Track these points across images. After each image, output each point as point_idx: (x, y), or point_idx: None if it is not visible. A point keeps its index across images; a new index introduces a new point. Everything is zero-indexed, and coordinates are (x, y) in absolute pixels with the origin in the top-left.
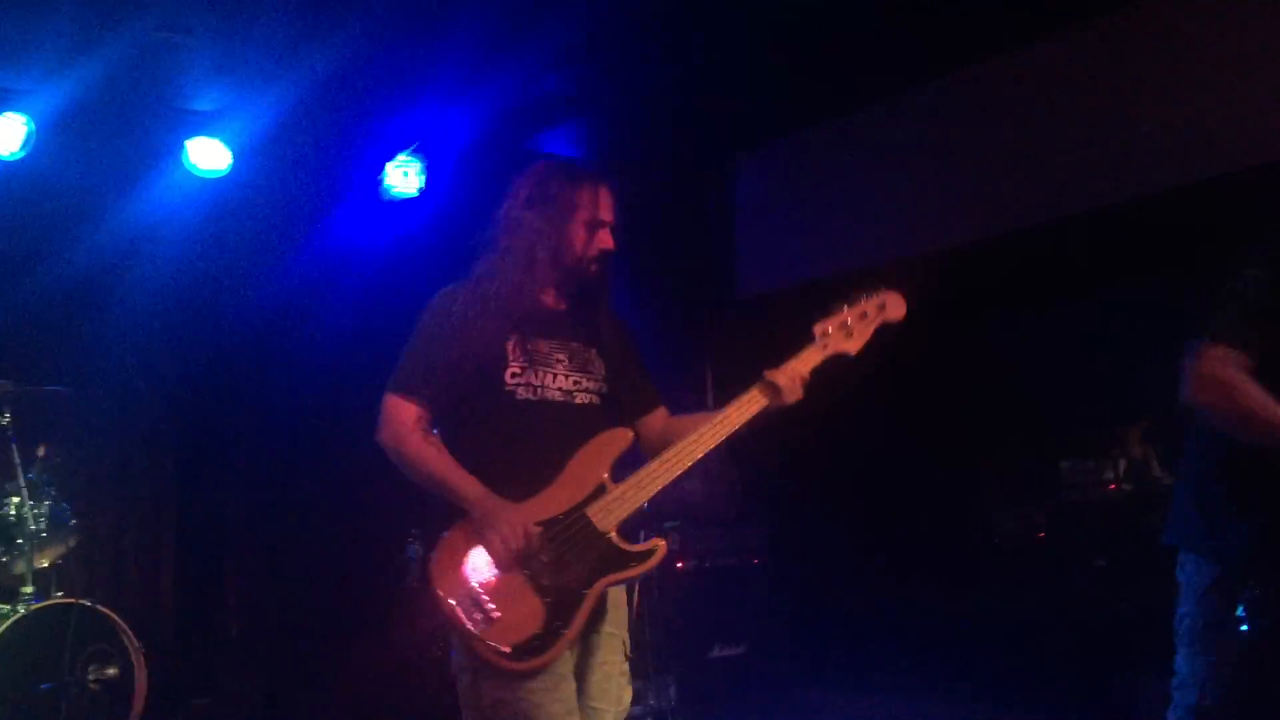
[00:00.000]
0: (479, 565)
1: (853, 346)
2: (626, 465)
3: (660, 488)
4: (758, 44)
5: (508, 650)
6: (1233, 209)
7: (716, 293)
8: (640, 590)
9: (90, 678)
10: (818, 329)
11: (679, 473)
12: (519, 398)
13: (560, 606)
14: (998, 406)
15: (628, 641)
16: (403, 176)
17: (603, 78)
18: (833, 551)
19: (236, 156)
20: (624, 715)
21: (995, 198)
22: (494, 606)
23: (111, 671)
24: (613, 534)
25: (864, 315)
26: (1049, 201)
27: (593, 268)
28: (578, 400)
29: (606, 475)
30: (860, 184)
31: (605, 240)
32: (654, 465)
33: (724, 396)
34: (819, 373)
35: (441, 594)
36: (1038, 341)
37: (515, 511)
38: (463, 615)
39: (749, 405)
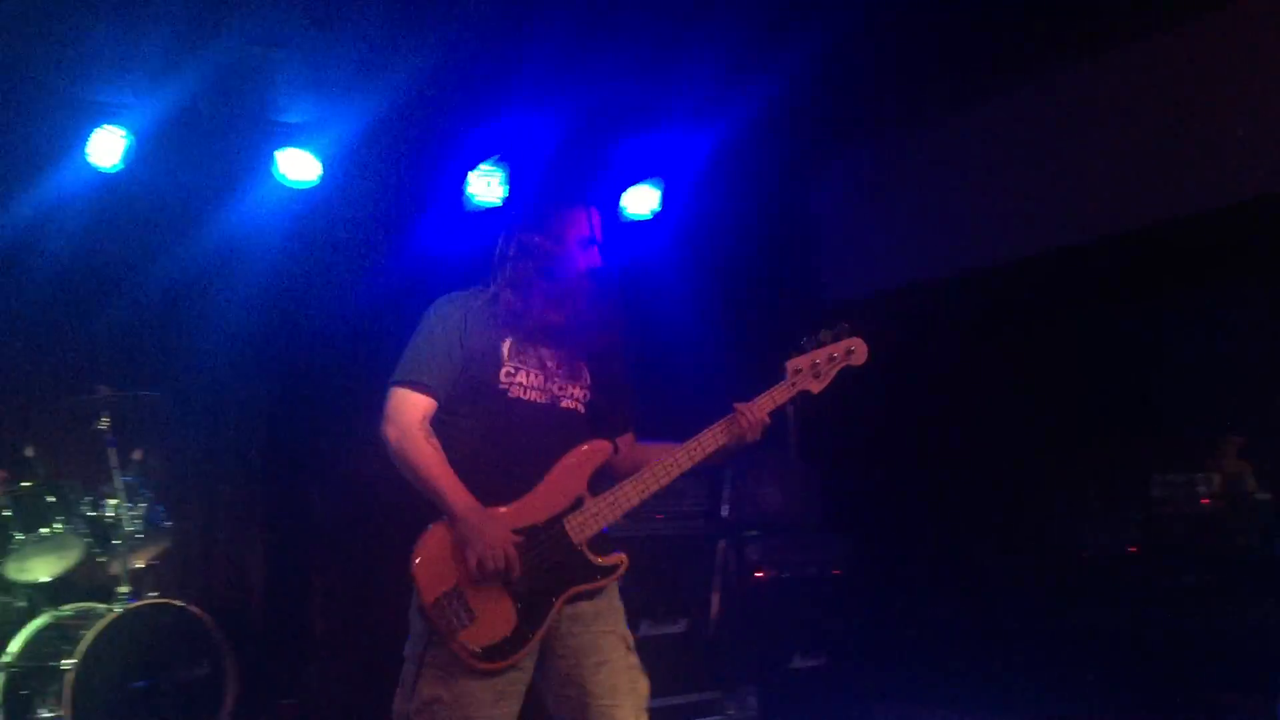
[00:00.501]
0: (464, 566)
1: (816, 386)
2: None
3: (632, 507)
4: (847, 48)
5: (479, 651)
6: None
7: (802, 299)
8: (719, 600)
9: (181, 677)
10: (789, 366)
11: (650, 494)
12: (510, 395)
13: (531, 612)
14: (1089, 416)
15: (628, 636)
16: (486, 186)
17: (685, 87)
18: (915, 563)
19: (325, 167)
20: (643, 704)
21: (1084, 202)
22: (472, 607)
23: (202, 671)
24: (584, 547)
25: (832, 358)
26: (1138, 207)
27: (585, 283)
28: (563, 404)
29: (586, 488)
30: (946, 190)
31: (595, 258)
32: (629, 486)
33: (805, 404)
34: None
35: (423, 588)
36: (1131, 349)
37: (497, 527)
38: (443, 612)
39: (715, 438)
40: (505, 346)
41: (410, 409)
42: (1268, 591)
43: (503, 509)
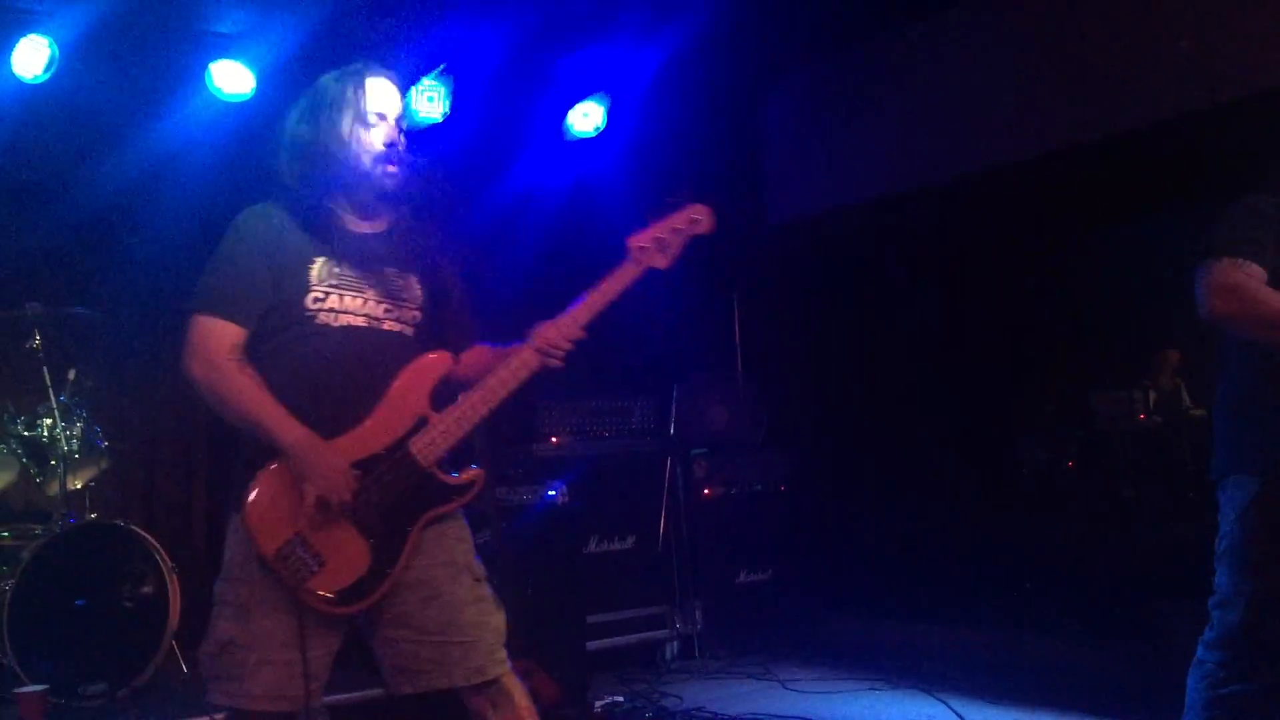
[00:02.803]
0: (302, 508)
1: (664, 262)
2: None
3: (480, 419)
4: None
5: (333, 596)
6: (1273, 130)
7: (745, 220)
8: (666, 517)
9: (125, 596)
10: (632, 244)
11: (498, 403)
12: (318, 322)
13: (386, 546)
14: (1029, 333)
15: (475, 566)
16: (427, 101)
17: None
18: (859, 478)
19: (259, 79)
20: (498, 639)
21: (1021, 123)
22: (320, 551)
23: (146, 590)
24: (435, 468)
25: (676, 229)
26: (1078, 125)
27: (382, 170)
28: (385, 327)
29: (428, 406)
30: (888, 109)
31: (388, 134)
32: (475, 397)
33: (751, 323)
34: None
35: (261, 539)
36: (1070, 269)
37: (335, 456)
38: (286, 562)
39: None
40: (313, 268)
41: (216, 339)
42: (1202, 504)
43: (338, 441)
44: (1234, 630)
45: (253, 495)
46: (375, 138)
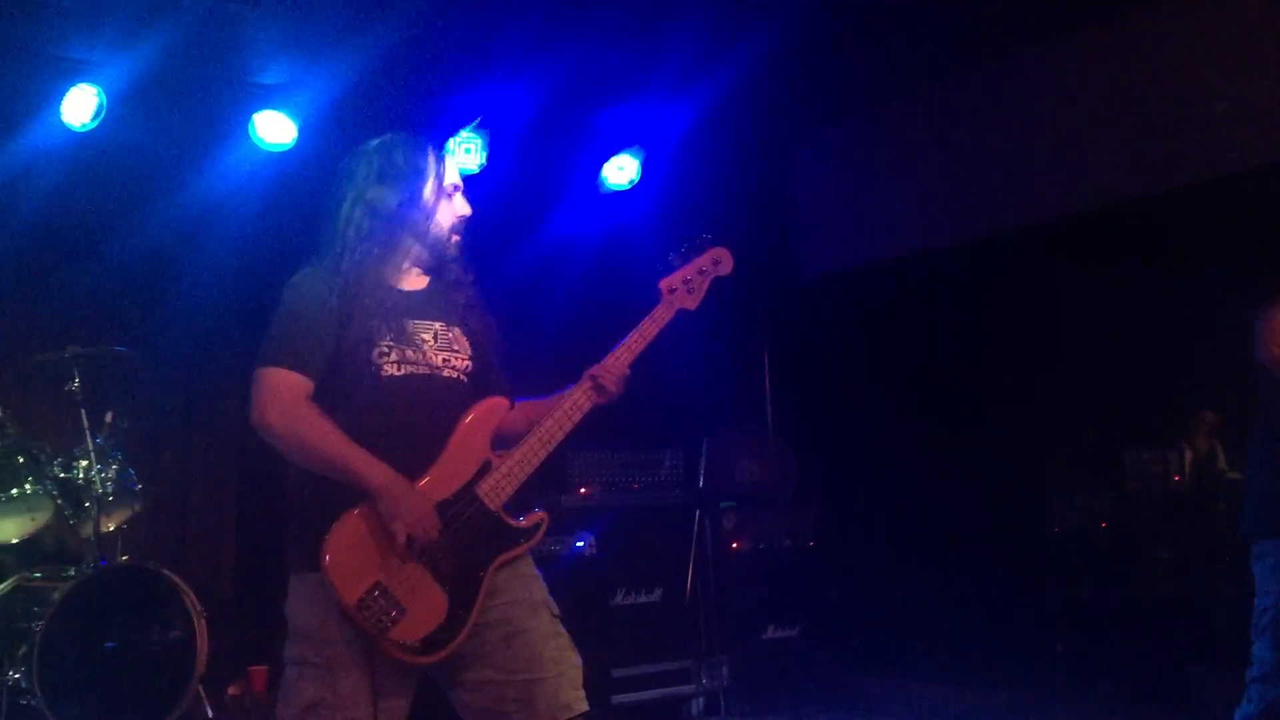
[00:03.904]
0: (382, 556)
1: (693, 303)
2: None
3: (541, 461)
4: (828, 20)
5: (416, 645)
6: None
7: (777, 274)
8: (693, 570)
9: (153, 639)
10: (663, 286)
11: (556, 445)
12: (385, 374)
13: (460, 592)
14: (1062, 393)
15: (551, 603)
16: (465, 153)
17: (666, 56)
18: (889, 536)
19: (301, 130)
20: (578, 678)
21: (1054, 181)
22: (400, 601)
23: (174, 634)
24: (502, 511)
25: (702, 272)
26: (1112, 185)
27: (454, 239)
28: (445, 375)
29: (489, 450)
30: (920, 165)
31: (463, 206)
32: (533, 440)
33: (781, 377)
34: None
35: (341, 589)
36: (1103, 328)
37: (424, 497)
38: (368, 612)
39: (586, 397)
40: (374, 323)
41: (290, 388)
42: (1236, 568)
43: (416, 485)
44: (1275, 706)
45: (331, 546)
46: (453, 209)
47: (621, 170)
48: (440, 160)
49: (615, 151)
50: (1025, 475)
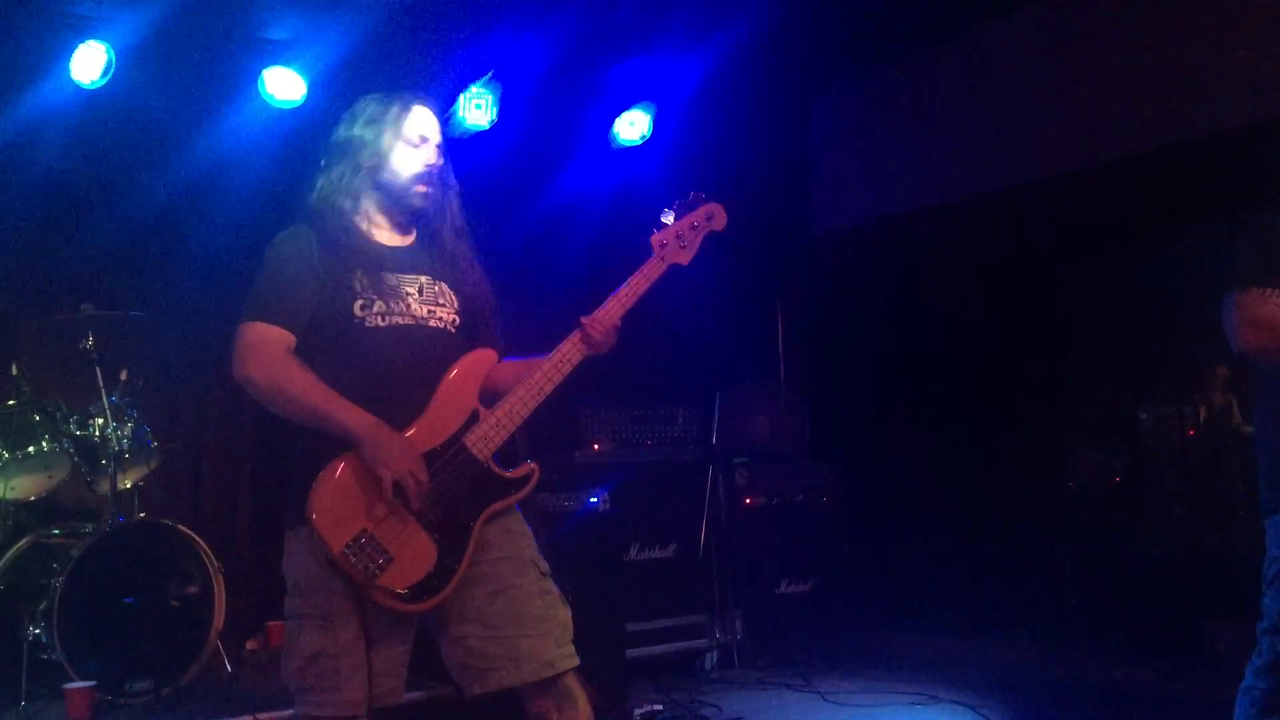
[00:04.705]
0: (369, 504)
1: (685, 257)
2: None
3: (530, 412)
4: None
5: (404, 593)
6: None
7: (790, 228)
8: (707, 526)
9: (171, 594)
10: (655, 241)
11: (545, 397)
12: (368, 325)
13: (450, 542)
14: (1077, 347)
15: (539, 561)
16: (476, 108)
17: (677, 8)
18: (902, 491)
19: (310, 86)
20: (565, 634)
21: (1072, 133)
22: (388, 549)
23: (192, 589)
24: (490, 462)
25: (694, 226)
26: (1130, 135)
27: (416, 190)
28: (431, 324)
29: (477, 401)
30: (937, 118)
31: (431, 156)
32: (522, 391)
33: (794, 332)
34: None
35: (328, 537)
36: (1119, 282)
37: (409, 445)
38: (354, 559)
39: (575, 350)
40: (354, 278)
41: (271, 342)
42: (1249, 523)
43: (403, 433)
44: None
45: (318, 495)
46: (414, 157)
47: (633, 125)
48: (406, 109)
49: (627, 106)
50: (1040, 431)
